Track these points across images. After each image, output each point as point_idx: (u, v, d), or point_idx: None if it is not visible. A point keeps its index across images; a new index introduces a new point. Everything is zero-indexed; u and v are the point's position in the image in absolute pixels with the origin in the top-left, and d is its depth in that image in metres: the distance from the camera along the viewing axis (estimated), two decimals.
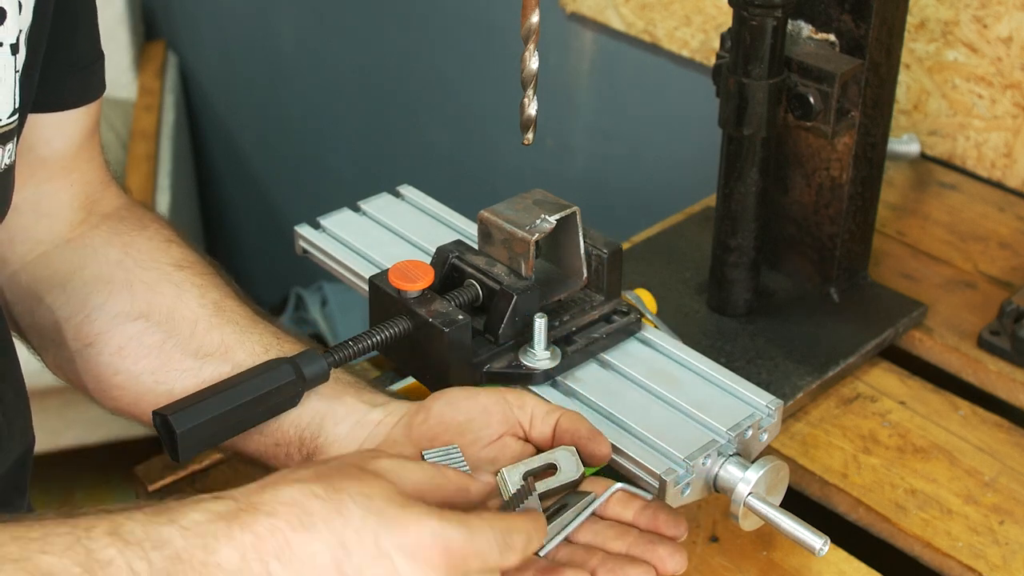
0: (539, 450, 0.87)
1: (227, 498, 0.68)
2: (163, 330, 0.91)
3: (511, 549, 0.71)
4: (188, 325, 0.91)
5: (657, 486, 0.83)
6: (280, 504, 0.67)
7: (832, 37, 1.14)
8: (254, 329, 0.93)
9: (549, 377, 0.91)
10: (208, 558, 0.64)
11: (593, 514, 0.84)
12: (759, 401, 0.89)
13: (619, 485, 0.85)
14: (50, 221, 0.96)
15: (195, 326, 0.91)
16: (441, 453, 0.83)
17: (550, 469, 0.84)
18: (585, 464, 0.85)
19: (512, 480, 0.83)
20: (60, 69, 0.90)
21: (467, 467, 0.83)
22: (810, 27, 1.15)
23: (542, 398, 0.89)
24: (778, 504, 0.85)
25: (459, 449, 0.84)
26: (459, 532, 0.68)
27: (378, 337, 0.88)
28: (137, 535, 0.64)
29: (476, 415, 0.86)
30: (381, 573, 0.67)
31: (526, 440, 0.87)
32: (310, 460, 0.87)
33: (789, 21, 1.13)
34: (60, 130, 0.93)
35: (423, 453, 0.83)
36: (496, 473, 0.83)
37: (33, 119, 0.89)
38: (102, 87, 0.96)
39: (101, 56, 0.95)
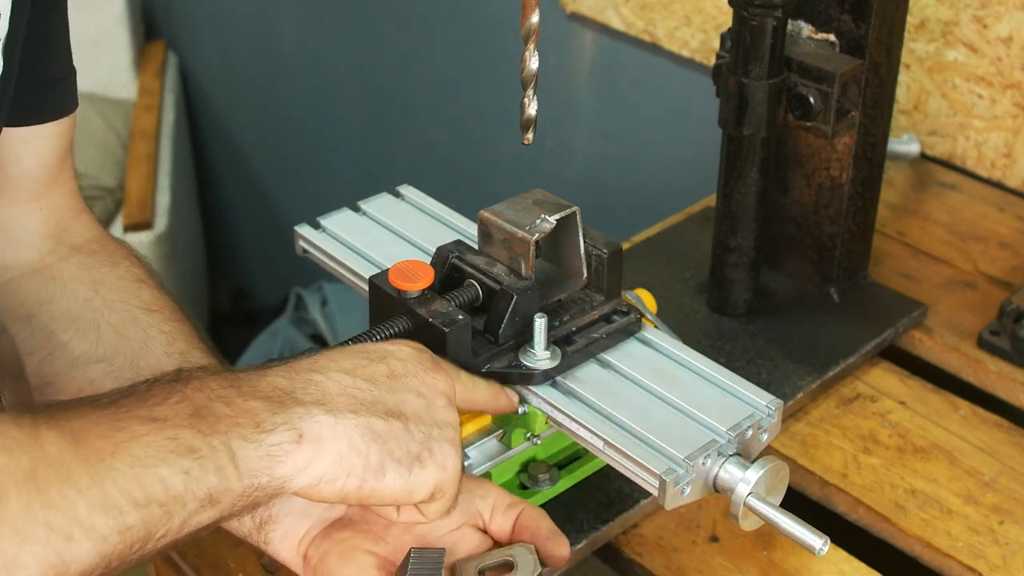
0: (497, 543, 0.86)
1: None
2: (125, 377, 0.89)
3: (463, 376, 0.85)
4: (151, 374, 0.88)
5: (657, 486, 0.83)
6: None
7: (832, 37, 1.14)
8: None
9: (549, 377, 0.91)
10: (262, 378, 0.74)
11: None
12: (759, 401, 0.89)
13: None
14: (16, 247, 0.94)
15: None
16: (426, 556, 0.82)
17: (506, 566, 0.83)
18: (543, 564, 0.84)
19: (467, 575, 0.82)
20: (32, 83, 0.88)
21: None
22: (810, 27, 1.15)
23: (505, 490, 0.88)
24: (778, 504, 0.85)
25: (444, 555, 0.82)
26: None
27: (378, 337, 0.88)
28: (198, 369, 0.74)
29: None
30: (395, 358, 0.79)
31: (485, 532, 0.86)
32: (263, 527, 0.86)
33: (789, 21, 1.13)
34: (30, 147, 0.92)
35: (411, 550, 0.82)
36: (452, 566, 0.83)
37: (3, 135, 0.88)
38: (74, 103, 0.94)
39: (73, 71, 0.93)
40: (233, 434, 0.69)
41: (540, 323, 0.89)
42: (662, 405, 0.90)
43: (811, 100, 1.12)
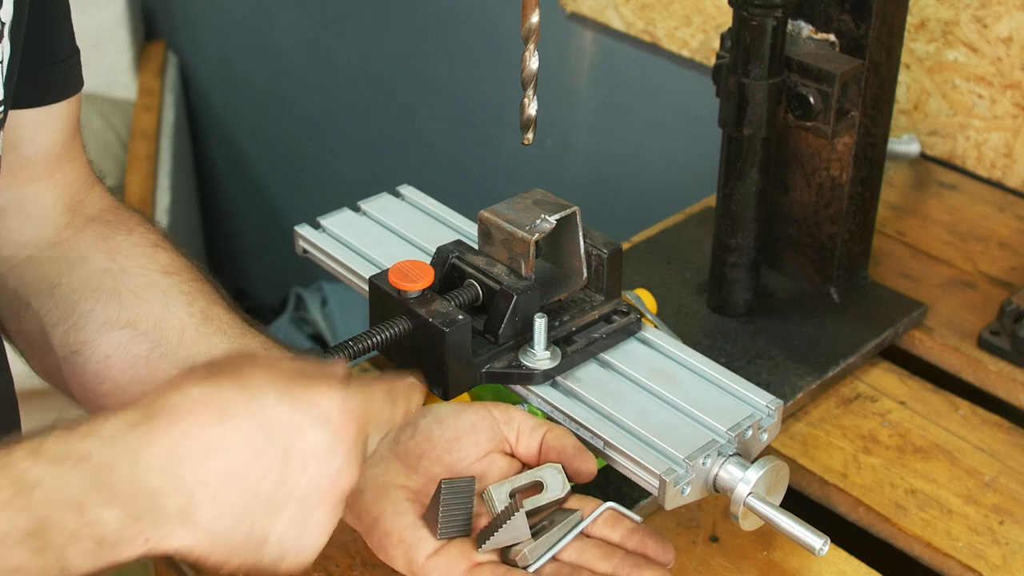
0: (525, 465, 0.88)
1: (137, 407, 0.67)
2: (151, 339, 0.90)
3: (398, 405, 0.76)
4: (176, 335, 0.90)
5: (657, 486, 0.83)
6: (194, 404, 0.68)
7: (832, 37, 1.14)
8: (242, 339, 0.92)
9: (549, 377, 0.91)
10: (136, 463, 0.65)
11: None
12: (759, 401, 0.89)
13: (609, 504, 0.85)
14: (35, 223, 0.95)
15: (182, 336, 0.90)
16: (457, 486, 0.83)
17: (536, 487, 0.85)
18: (571, 481, 0.85)
19: (499, 498, 0.84)
20: (39, 64, 0.90)
21: (472, 504, 0.83)
22: (810, 27, 1.15)
23: (528, 413, 0.89)
24: (778, 504, 0.85)
25: (474, 483, 0.84)
26: (358, 397, 0.72)
27: (378, 337, 0.88)
28: (59, 452, 0.63)
29: (463, 432, 0.87)
30: (300, 448, 0.69)
31: (512, 456, 0.88)
32: None
33: (789, 21, 1.13)
34: (43, 127, 0.93)
35: (442, 481, 0.83)
36: (483, 491, 0.84)
37: (15, 117, 0.89)
38: (80, 82, 0.95)
39: (77, 51, 0.95)
40: (71, 551, 0.64)
41: (540, 323, 0.89)
42: (662, 405, 0.90)
43: (811, 100, 1.12)
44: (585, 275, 0.95)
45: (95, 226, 0.97)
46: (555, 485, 0.85)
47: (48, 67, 0.91)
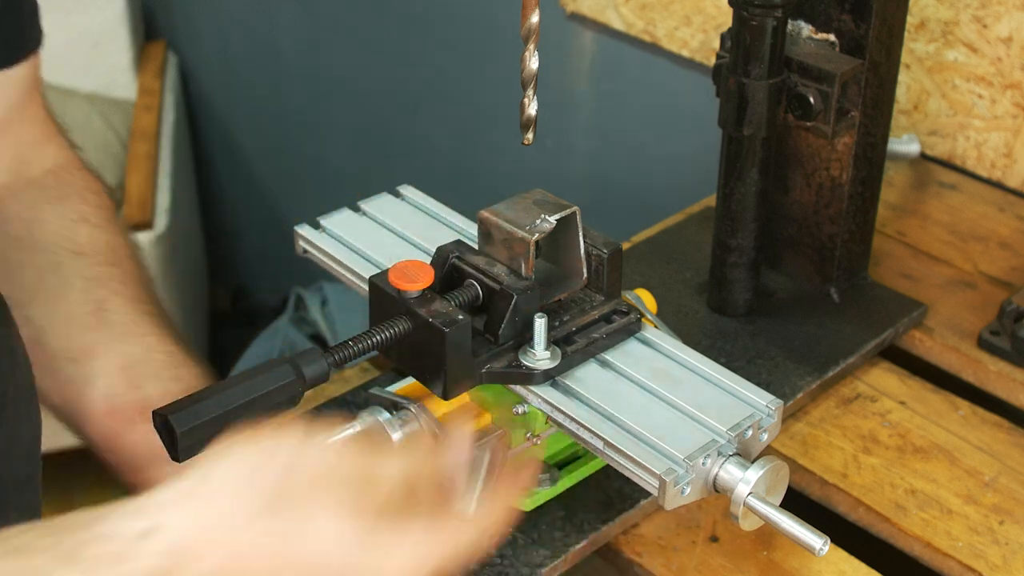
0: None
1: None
2: (38, 325, 0.88)
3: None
4: (63, 323, 0.88)
5: (657, 486, 0.83)
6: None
7: (832, 37, 1.14)
8: (130, 334, 0.89)
9: (549, 377, 0.91)
10: None
11: None
12: (759, 401, 0.89)
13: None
14: None
15: (69, 325, 0.88)
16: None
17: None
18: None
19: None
20: (6, 22, 0.87)
21: None
22: (810, 27, 1.15)
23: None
24: (778, 504, 0.85)
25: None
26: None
27: (378, 337, 0.88)
28: None
29: None
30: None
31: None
32: None
33: (789, 21, 1.13)
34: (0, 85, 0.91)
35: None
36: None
37: None
38: (41, 36, 0.92)
39: (38, 6, 0.92)
40: None
41: (540, 323, 0.89)
42: (662, 405, 0.90)
43: (811, 100, 1.12)
44: (585, 275, 0.95)
45: (30, 192, 0.93)
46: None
47: (14, 24, 0.89)
